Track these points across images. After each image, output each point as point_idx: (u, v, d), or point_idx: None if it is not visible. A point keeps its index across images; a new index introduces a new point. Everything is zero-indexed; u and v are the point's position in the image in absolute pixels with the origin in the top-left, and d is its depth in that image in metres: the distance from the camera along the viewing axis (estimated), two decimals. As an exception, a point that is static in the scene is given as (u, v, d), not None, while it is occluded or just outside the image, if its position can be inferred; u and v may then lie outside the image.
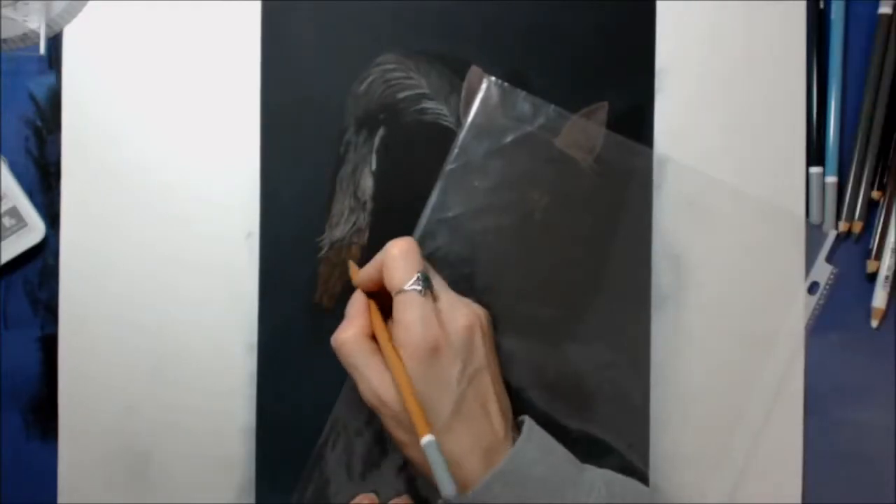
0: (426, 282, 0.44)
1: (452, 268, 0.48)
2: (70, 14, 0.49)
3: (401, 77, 0.49)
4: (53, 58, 0.49)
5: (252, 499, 0.49)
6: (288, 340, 0.49)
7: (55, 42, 0.49)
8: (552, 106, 0.49)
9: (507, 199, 0.49)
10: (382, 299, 0.46)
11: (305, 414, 0.49)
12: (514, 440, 0.44)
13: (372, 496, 0.47)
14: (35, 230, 0.48)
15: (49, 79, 0.49)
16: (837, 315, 0.51)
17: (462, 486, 0.43)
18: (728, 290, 0.50)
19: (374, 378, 0.43)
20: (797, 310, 0.50)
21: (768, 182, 0.50)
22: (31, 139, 0.49)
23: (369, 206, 0.50)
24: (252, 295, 0.49)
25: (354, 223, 0.50)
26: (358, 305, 0.46)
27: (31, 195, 0.49)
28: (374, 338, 0.45)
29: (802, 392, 0.50)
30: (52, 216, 0.49)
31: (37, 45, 0.49)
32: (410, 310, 0.43)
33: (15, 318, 0.49)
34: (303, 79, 0.49)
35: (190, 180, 0.49)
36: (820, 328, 0.51)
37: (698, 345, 0.50)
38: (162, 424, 0.49)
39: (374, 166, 0.50)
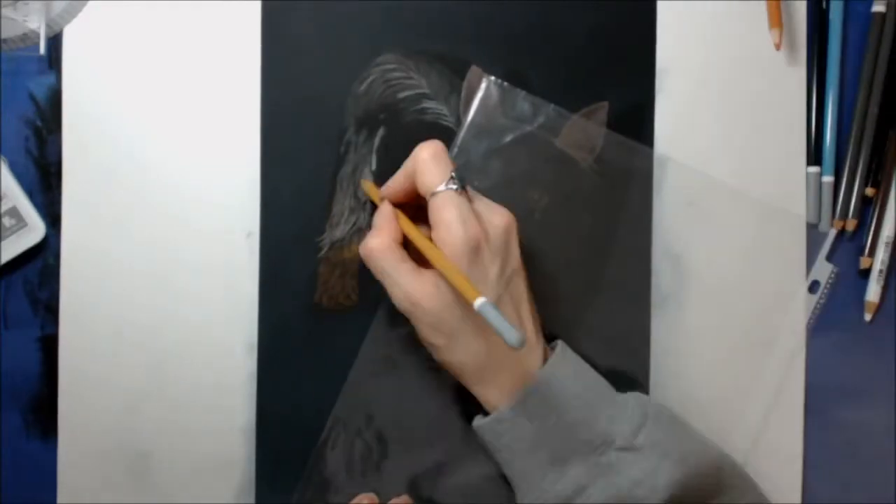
0: (461, 180, 0.43)
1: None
2: (70, 14, 0.49)
3: (401, 77, 0.49)
4: (53, 58, 0.49)
5: (252, 499, 0.49)
6: (288, 340, 0.49)
7: (55, 42, 0.49)
8: (552, 105, 0.49)
9: (507, 199, 0.49)
10: (407, 212, 0.45)
11: (305, 414, 0.49)
12: (546, 352, 0.45)
13: (372, 496, 0.47)
14: (35, 230, 0.48)
15: (49, 79, 0.49)
16: (838, 314, 0.51)
17: (495, 397, 0.44)
18: (728, 290, 0.50)
19: (406, 281, 0.43)
20: (798, 309, 0.50)
21: (768, 182, 0.50)
22: (32, 139, 0.49)
23: (369, 206, 0.50)
24: (252, 295, 0.49)
25: (355, 223, 0.50)
26: (385, 214, 0.45)
27: (31, 195, 0.49)
28: (403, 245, 0.44)
29: (803, 392, 0.50)
30: (52, 216, 0.49)
31: (37, 45, 0.49)
32: (449, 209, 0.42)
33: (15, 318, 0.49)
34: (303, 79, 0.49)
35: (190, 180, 0.49)
36: (821, 327, 0.51)
37: (698, 345, 0.50)
38: (162, 424, 0.49)
39: (374, 166, 0.50)
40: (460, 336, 0.43)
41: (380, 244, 0.43)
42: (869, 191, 0.50)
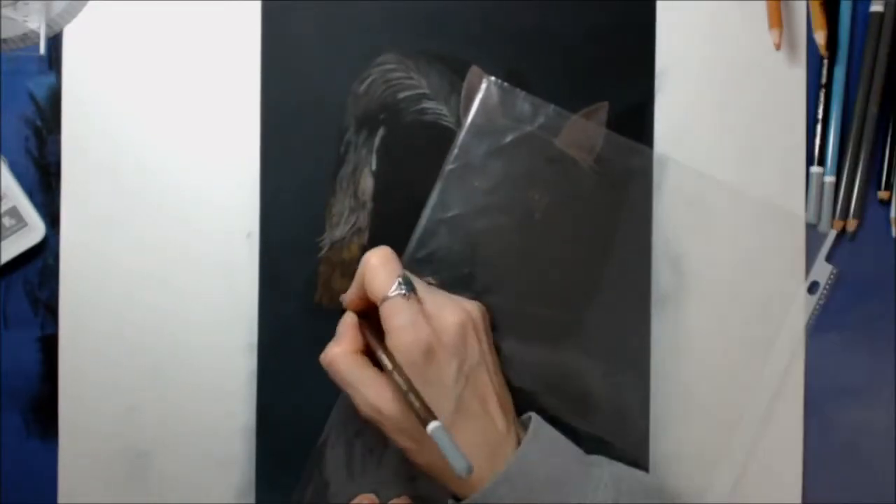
0: (408, 285, 0.44)
1: (452, 268, 0.48)
2: (70, 14, 0.49)
3: (401, 77, 0.49)
4: (53, 58, 0.49)
5: (252, 499, 0.49)
6: (288, 340, 0.49)
7: (55, 42, 0.49)
8: (552, 106, 0.49)
9: (507, 200, 0.49)
10: (374, 321, 0.45)
11: (305, 414, 0.49)
12: (518, 435, 0.44)
13: (372, 496, 0.47)
14: (35, 230, 0.48)
15: (49, 79, 0.49)
16: (837, 315, 0.51)
17: (468, 487, 0.43)
18: (728, 291, 0.50)
19: (368, 390, 0.43)
20: (797, 310, 0.50)
21: (768, 182, 0.50)
22: (31, 139, 0.49)
23: (369, 206, 0.50)
24: (252, 295, 0.49)
25: (355, 223, 0.50)
26: (347, 323, 0.46)
27: (30, 195, 0.49)
28: (365, 353, 0.45)
29: (802, 392, 0.50)
30: (51, 216, 0.49)
31: (37, 45, 0.49)
32: (397, 315, 0.43)
33: (15, 319, 0.49)
34: (303, 79, 0.49)
35: (190, 180, 0.49)
36: (821, 327, 0.51)
37: (698, 345, 0.50)
38: (162, 424, 0.49)
39: (374, 166, 0.50)
40: (426, 440, 0.42)
41: (340, 352, 0.44)
42: (882, 194, 0.50)
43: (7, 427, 0.49)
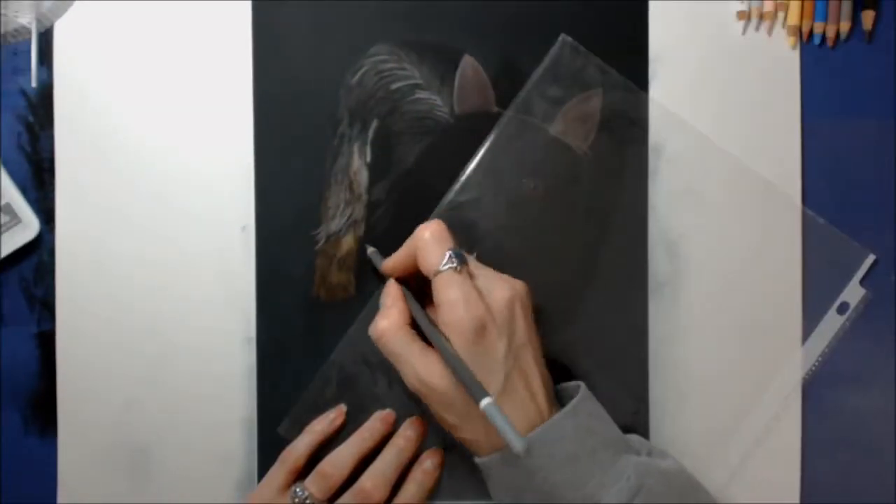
0: (460, 258, 0.43)
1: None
2: (61, 9, 0.49)
3: (393, 68, 0.49)
4: (45, 53, 0.49)
5: (252, 492, 0.49)
6: (287, 333, 0.49)
7: (46, 38, 0.49)
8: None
9: (503, 189, 0.49)
10: (413, 284, 0.45)
11: (304, 407, 0.49)
12: (554, 414, 0.44)
13: (391, 412, 0.48)
14: (29, 227, 0.48)
15: (40, 74, 0.49)
16: (869, 336, 0.50)
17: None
18: (725, 276, 0.50)
19: (417, 364, 0.43)
20: (795, 295, 0.50)
21: (764, 167, 0.50)
22: (24, 135, 0.49)
23: (365, 198, 0.49)
24: (249, 288, 0.49)
25: (350, 215, 0.49)
26: (393, 294, 0.45)
27: (24, 192, 0.49)
28: (412, 325, 0.44)
29: (801, 378, 0.50)
30: (46, 212, 0.49)
31: (28, 39, 0.48)
32: (451, 290, 0.42)
33: (11, 316, 0.49)
34: (295, 71, 0.49)
35: (184, 175, 0.49)
36: (851, 348, 0.50)
37: (696, 331, 0.50)
38: (161, 419, 0.49)
39: (368, 158, 0.49)
40: (473, 416, 0.42)
41: (390, 326, 0.44)
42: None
43: (6, 424, 0.49)
